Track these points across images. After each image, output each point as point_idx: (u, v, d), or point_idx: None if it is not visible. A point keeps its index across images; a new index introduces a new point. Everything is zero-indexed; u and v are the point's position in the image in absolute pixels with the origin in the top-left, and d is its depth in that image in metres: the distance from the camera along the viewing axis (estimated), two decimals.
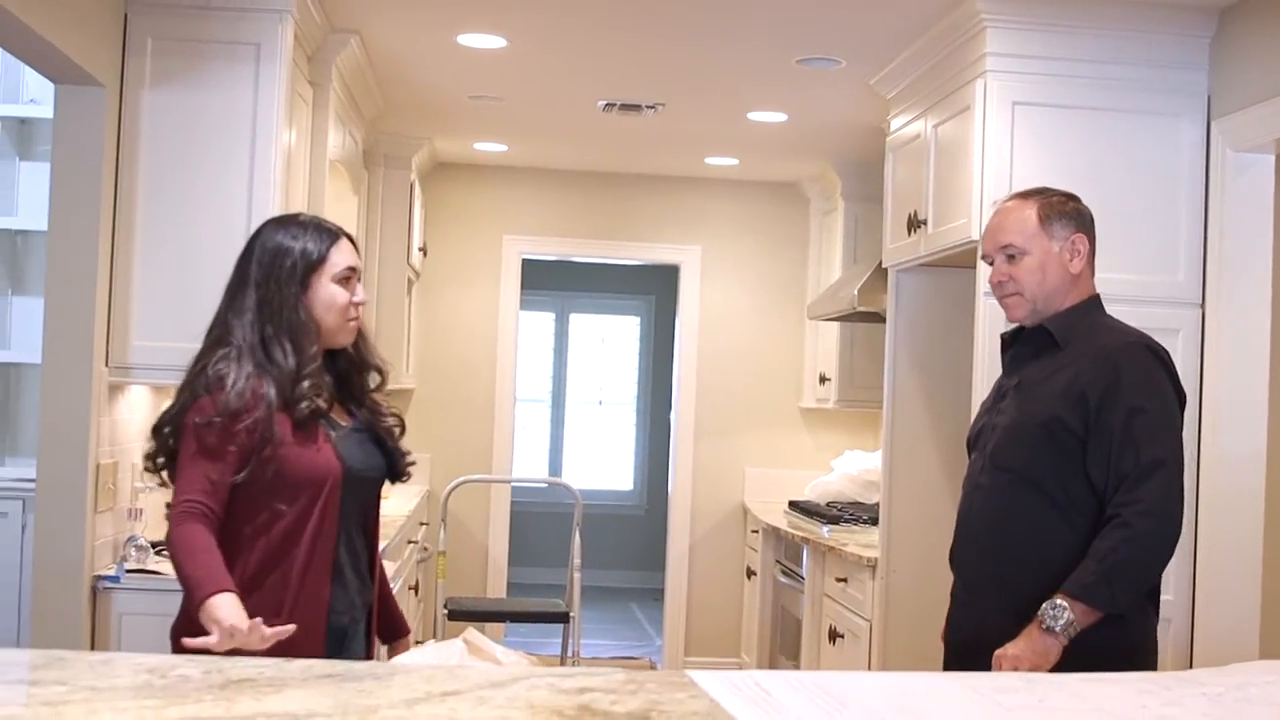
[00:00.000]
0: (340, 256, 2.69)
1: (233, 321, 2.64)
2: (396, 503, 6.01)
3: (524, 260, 7.61)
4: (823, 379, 6.81)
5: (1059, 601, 2.63)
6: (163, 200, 3.69)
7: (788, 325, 7.31)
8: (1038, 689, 1.82)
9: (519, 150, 6.78)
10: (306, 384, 2.57)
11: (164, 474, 2.64)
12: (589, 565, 10.31)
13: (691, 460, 7.34)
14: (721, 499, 7.34)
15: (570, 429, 10.83)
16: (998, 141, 3.86)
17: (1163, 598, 3.69)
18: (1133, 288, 3.82)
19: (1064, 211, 2.88)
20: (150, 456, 2.65)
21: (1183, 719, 1.70)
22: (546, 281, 10.32)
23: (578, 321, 10.84)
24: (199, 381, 2.58)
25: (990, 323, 3.83)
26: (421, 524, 6.55)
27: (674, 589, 7.36)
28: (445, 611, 4.34)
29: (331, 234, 2.72)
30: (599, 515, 10.60)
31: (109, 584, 3.56)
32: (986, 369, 3.82)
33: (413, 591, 5.78)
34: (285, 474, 2.54)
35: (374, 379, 2.83)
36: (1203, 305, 3.87)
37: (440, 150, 6.84)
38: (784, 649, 6.07)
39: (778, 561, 6.28)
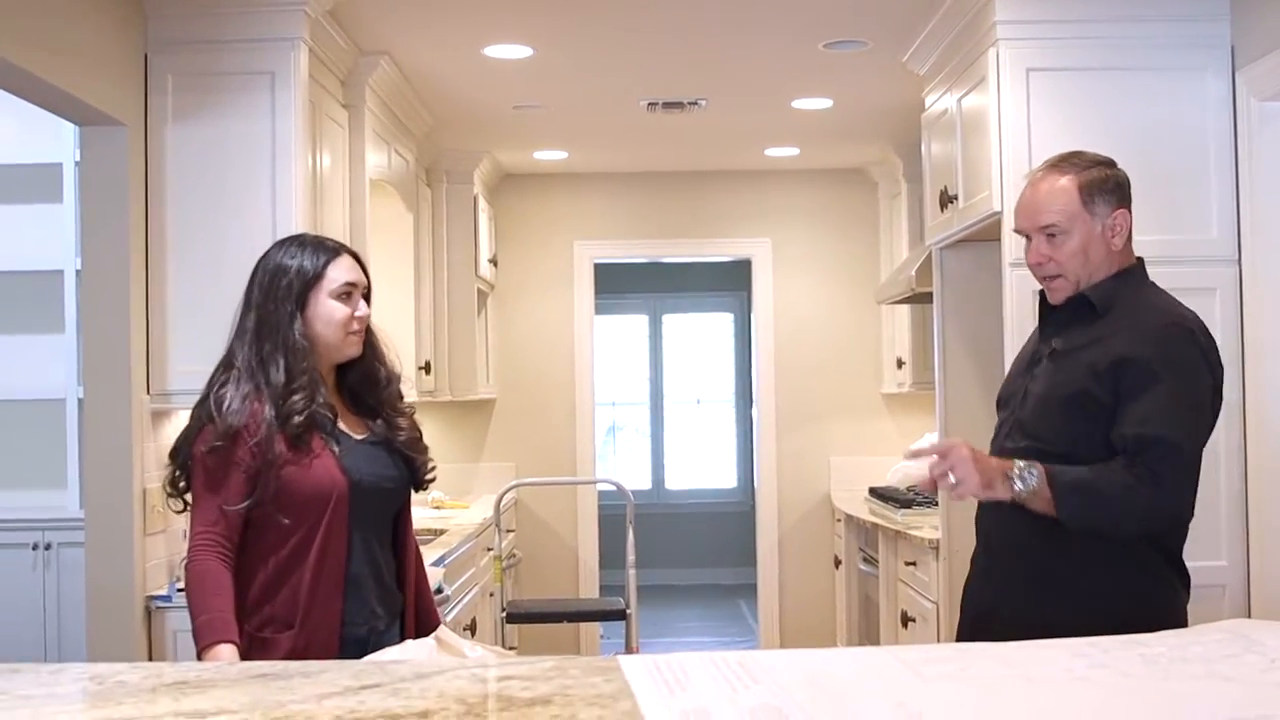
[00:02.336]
0: (338, 272, 2.71)
1: (235, 345, 2.70)
2: (473, 512, 6.12)
3: (611, 265, 7.73)
4: (899, 363, 6.76)
5: (1037, 473, 2.54)
6: (192, 230, 3.82)
7: (864, 311, 7.26)
8: (967, 658, 1.81)
9: (579, 156, 6.85)
10: (297, 397, 2.60)
11: (186, 498, 2.69)
12: (695, 564, 10.47)
13: (775, 453, 7.33)
14: (809, 489, 7.33)
15: (671, 430, 10.87)
16: (1014, 111, 3.81)
17: (1215, 563, 3.68)
18: (1166, 248, 3.72)
19: (1105, 186, 2.69)
20: (171, 483, 2.69)
21: (1105, 680, 1.67)
22: (636, 284, 10.41)
23: (671, 322, 10.87)
24: (204, 408, 2.65)
25: (1018, 294, 3.78)
26: (508, 531, 6.65)
27: (766, 582, 7.36)
28: (504, 615, 4.40)
29: (330, 250, 2.74)
30: (704, 514, 10.66)
31: (161, 603, 3.69)
32: (1016, 340, 3.76)
33: (492, 598, 5.85)
34: (289, 492, 2.58)
35: (385, 382, 2.83)
36: (1239, 261, 3.77)
37: (503, 162, 6.94)
38: (868, 636, 6.04)
39: (860, 549, 6.25)
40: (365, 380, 2.82)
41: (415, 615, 2.84)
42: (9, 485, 5.42)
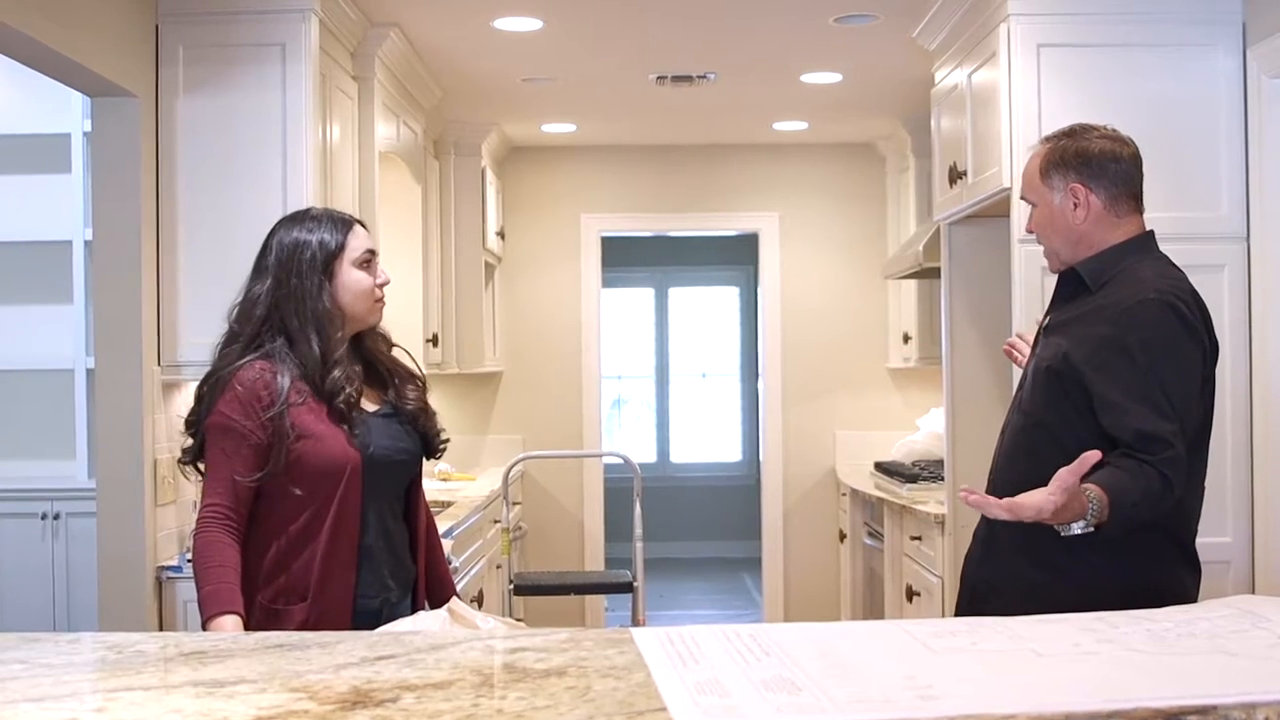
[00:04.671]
0: (357, 241, 2.74)
1: (250, 318, 2.69)
2: (479, 484, 6.14)
3: (618, 238, 7.73)
4: (905, 338, 6.77)
5: (1098, 509, 2.42)
6: (203, 202, 3.83)
7: (870, 286, 7.27)
8: (976, 632, 1.82)
9: (587, 129, 6.84)
10: (337, 372, 2.62)
11: (200, 467, 2.70)
12: (700, 537, 10.51)
13: (781, 427, 7.35)
14: (814, 464, 7.35)
15: (676, 403, 10.89)
16: (1024, 87, 3.81)
17: (1220, 540, 3.70)
18: (1175, 225, 3.72)
19: (1064, 159, 2.70)
20: (186, 451, 2.71)
21: (1111, 653, 1.69)
22: (643, 258, 10.42)
23: (677, 295, 10.88)
24: (217, 381, 2.65)
25: (1026, 270, 3.79)
26: (515, 503, 6.67)
27: (770, 556, 7.39)
28: (511, 587, 4.43)
29: (345, 222, 2.77)
30: (709, 487, 10.69)
31: (172, 574, 3.72)
32: (1025, 316, 3.78)
33: (499, 570, 5.89)
34: (303, 465, 2.59)
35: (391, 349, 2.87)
36: (1247, 238, 3.77)
37: (511, 135, 6.94)
38: (872, 610, 6.07)
39: (865, 523, 6.27)
40: (376, 348, 2.83)
41: (428, 585, 2.86)
42: (18, 455, 5.45)
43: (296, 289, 2.67)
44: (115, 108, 3.69)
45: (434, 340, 5.88)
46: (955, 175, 4.34)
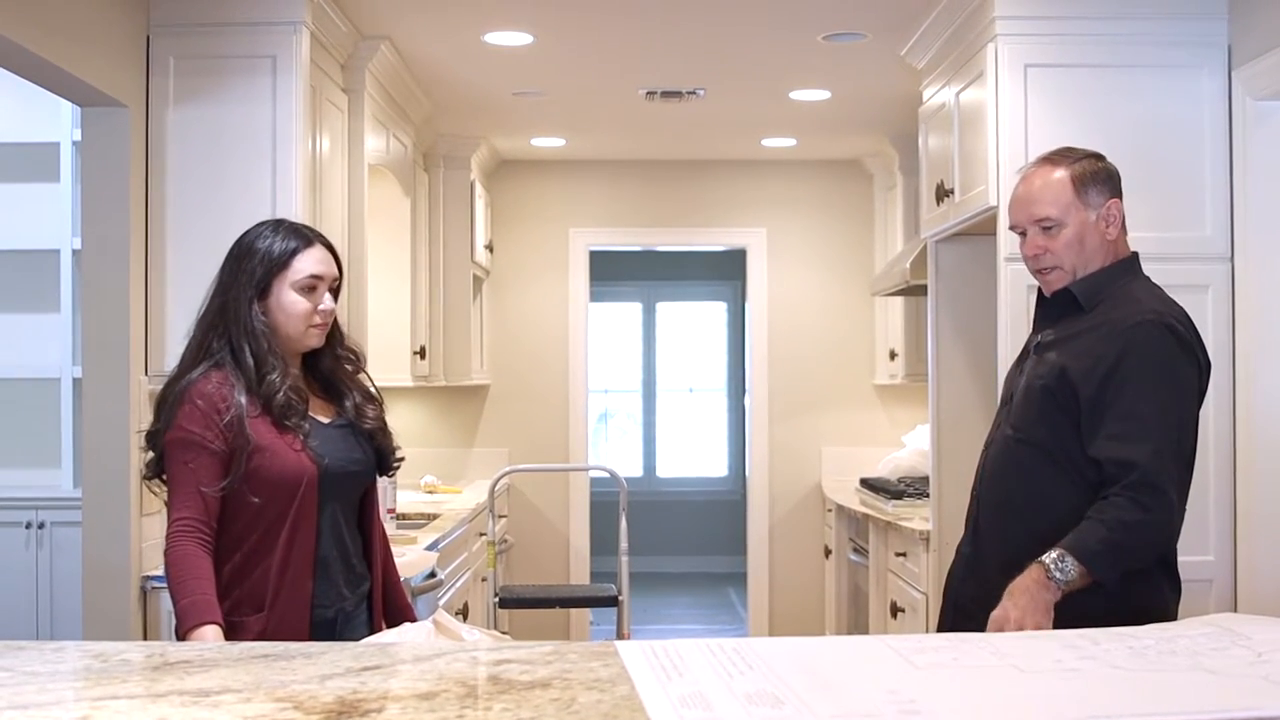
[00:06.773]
0: (304, 263, 2.68)
1: (204, 328, 2.69)
2: (465, 497, 6.14)
3: (606, 252, 7.74)
4: (892, 354, 6.79)
5: (1068, 557, 2.52)
6: (192, 213, 3.84)
7: (857, 303, 7.29)
8: (959, 647, 1.83)
9: (577, 143, 6.86)
10: (273, 375, 2.61)
11: (162, 480, 2.68)
12: (685, 552, 10.52)
13: (768, 442, 7.37)
14: (800, 479, 7.36)
15: (663, 418, 10.90)
16: (1012, 106, 3.83)
17: (1203, 558, 3.72)
18: (1160, 245, 3.75)
19: (1097, 176, 2.74)
20: (149, 466, 2.70)
21: (1093, 670, 1.70)
22: (630, 272, 10.44)
23: (665, 310, 10.89)
24: (174, 395, 2.63)
25: (1012, 288, 3.81)
26: (500, 516, 6.67)
27: (756, 571, 7.40)
28: (496, 600, 4.43)
29: (302, 239, 2.71)
30: (695, 502, 10.69)
31: (157, 583, 3.71)
32: (1011, 334, 3.80)
33: (484, 583, 5.88)
34: (261, 476, 2.58)
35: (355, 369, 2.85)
36: (1231, 258, 3.80)
37: (500, 148, 6.96)
38: (856, 626, 6.07)
39: (850, 539, 6.28)
40: (337, 367, 2.81)
41: (384, 595, 2.84)
42: (3, 464, 5.44)
43: (233, 300, 2.66)
44: (105, 117, 3.69)
45: (421, 352, 5.89)
46: (942, 193, 4.37)
